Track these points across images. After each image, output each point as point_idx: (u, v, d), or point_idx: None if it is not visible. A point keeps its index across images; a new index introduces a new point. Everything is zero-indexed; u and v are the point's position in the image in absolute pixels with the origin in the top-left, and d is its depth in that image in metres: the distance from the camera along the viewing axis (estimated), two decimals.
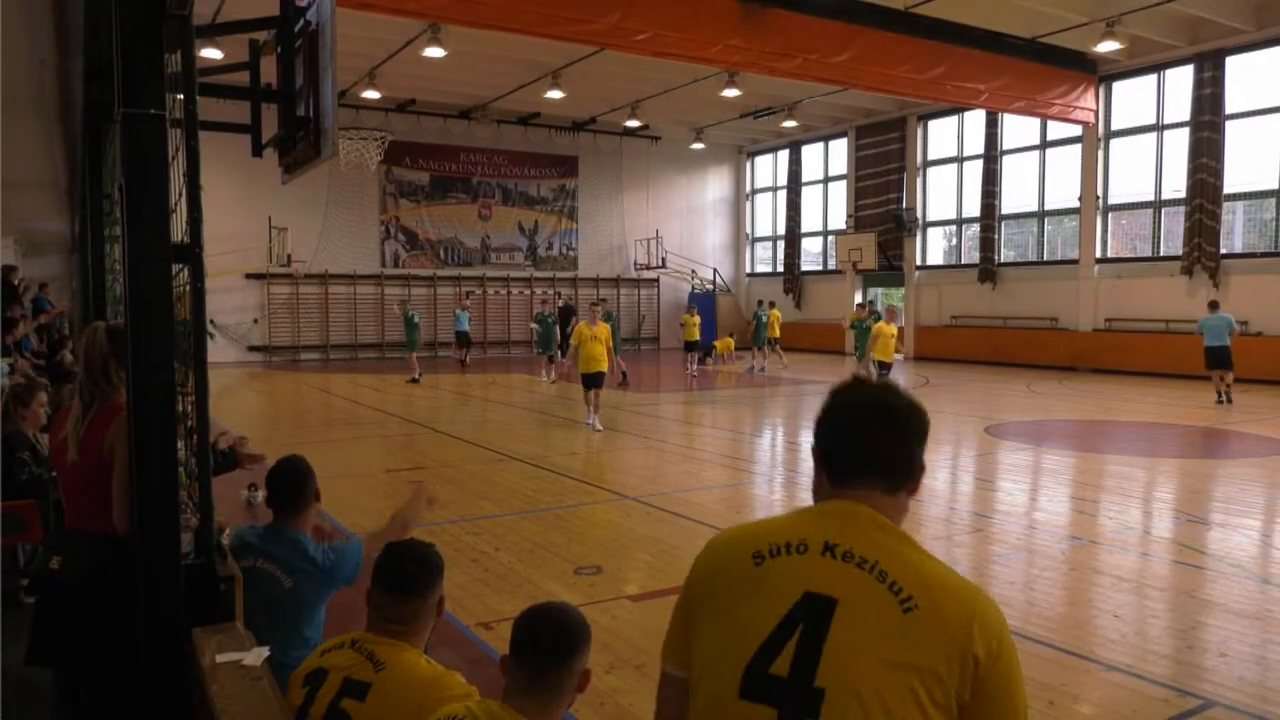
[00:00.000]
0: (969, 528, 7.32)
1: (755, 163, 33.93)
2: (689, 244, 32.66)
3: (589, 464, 10.08)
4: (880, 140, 27.91)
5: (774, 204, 33.04)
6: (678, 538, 6.90)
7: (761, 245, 34.39)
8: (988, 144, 24.58)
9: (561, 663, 2.16)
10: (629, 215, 31.57)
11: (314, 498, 3.32)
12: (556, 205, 30.54)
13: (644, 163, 31.61)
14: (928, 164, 27.07)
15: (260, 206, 24.57)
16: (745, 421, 14.22)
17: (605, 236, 31.35)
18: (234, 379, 20.82)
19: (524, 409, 15.21)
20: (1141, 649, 4.78)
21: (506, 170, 29.51)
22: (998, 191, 24.64)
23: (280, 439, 11.86)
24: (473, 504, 8.02)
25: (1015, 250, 25.53)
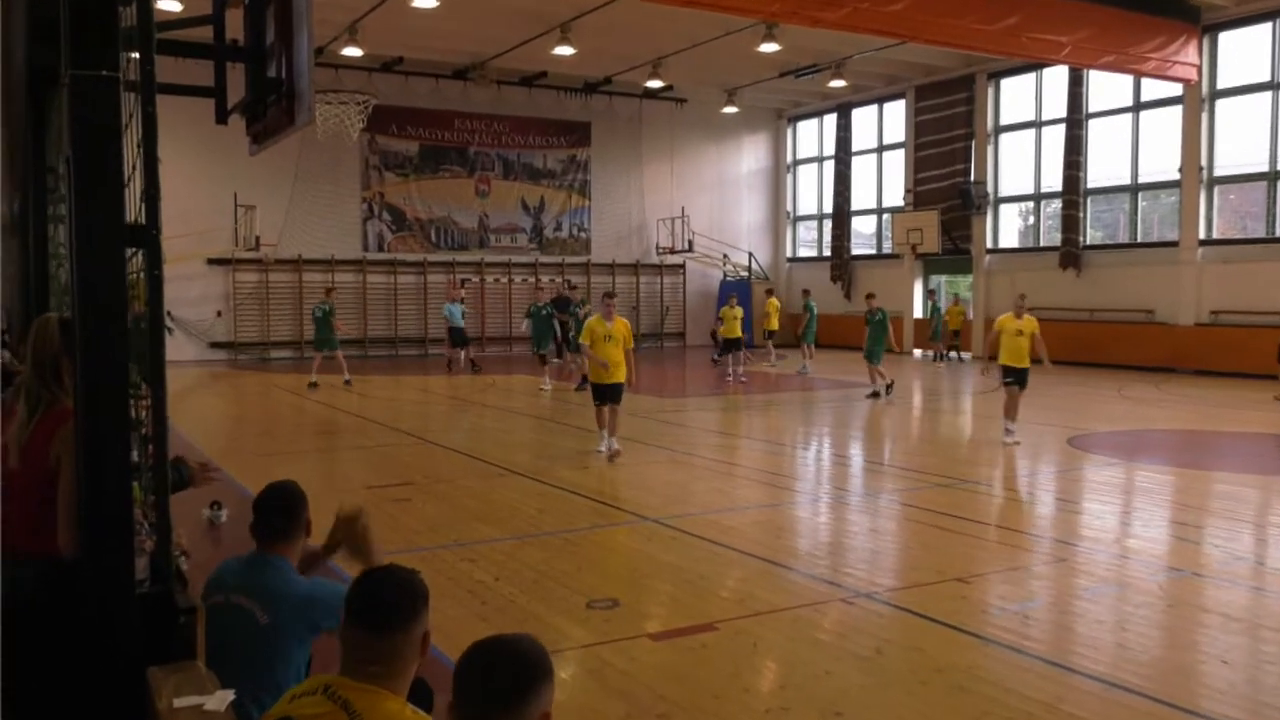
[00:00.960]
0: (1049, 557, 7.26)
1: (797, 129, 33.83)
2: (720, 224, 32.64)
3: (603, 480, 10.09)
4: (943, 102, 27.74)
5: (819, 177, 32.95)
6: (707, 566, 6.88)
7: (805, 225, 34.29)
8: (1070, 106, 24.39)
9: (517, 705, 2.08)
10: (650, 191, 31.58)
11: (304, 529, 3.35)
12: (566, 179, 30.61)
13: (667, 130, 31.61)
14: (1000, 130, 26.89)
15: (225, 182, 24.79)
16: (785, 431, 14.17)
17: (622, 215, 31.38)
18: (194, 380, 21.03)
19: (526, 415, 15.24)
20: (1254, 700, 4.73)
21: (508, 139, 29.61)
22: (1082, 162, 24.44)
23: (246, 449, 11.95)
24: (468, 526, 8.04)
25: (1103, 231, 25.29)
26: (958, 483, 9.88)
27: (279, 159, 24.38)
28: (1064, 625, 5.76)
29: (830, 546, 7.61)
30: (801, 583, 6.53)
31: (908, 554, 7.38)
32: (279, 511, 3.32)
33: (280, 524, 3.30)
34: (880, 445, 13.17)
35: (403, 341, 28.11)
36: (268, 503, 3.34)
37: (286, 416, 15.93)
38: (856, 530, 8.15)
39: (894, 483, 10.32)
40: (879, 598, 6.17)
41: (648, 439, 12.69)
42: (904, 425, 15.13)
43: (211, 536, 7.70)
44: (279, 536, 3.29)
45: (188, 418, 13.44)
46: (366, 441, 12.85)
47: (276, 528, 3.29)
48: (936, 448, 12.65)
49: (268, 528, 3.30)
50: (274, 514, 3.31)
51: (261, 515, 3.32)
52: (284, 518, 3.31)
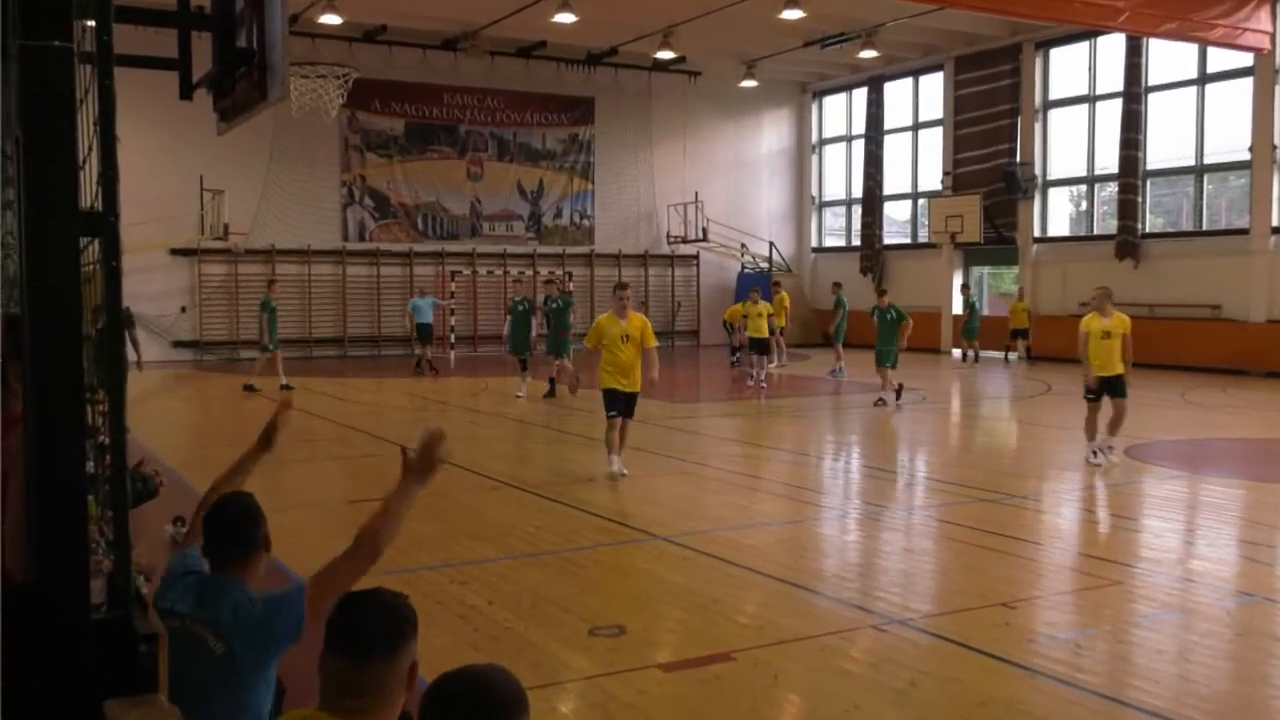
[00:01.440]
0: (1105, 579, 7.24)
1: (823, 105, 33.80)
2: (738, 210, 32.64)
3: (609, 494, 10.10)
4: (986, 75, 27.69)
5: (848, 158, 32.93)
6: (722, 589, 6.88)
7: (832, 212, 34.25)
8: (1128, 79, 24.33)
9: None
10: (660, 173, 31.60)
11: (263, 545, 3.34)
12: (567, 161, 30.65)
13: (679, 106, 31.63)
14: (1049, 105, 26.84)
15: (190, 164, 24.86)
16: (810, 440, 14.16)
17: (630, 201, 31.41)
18: (156, 382, 21.11)
19: (523, 422, 15.26)
20: None
21: (503, 116, 29.68)
22: (1141, 141, 24.38)
23: (212, 460, 11.91)
24: (459, 544, 8.05)
25: (1164, 217, 25.21)
26: (1002, 497, 9.86)
27: (250, 139, 24.43)
28: (1120, 656, 5.74)
29: (860, 567, 7.60)
30: (827, 607, 6.52)
31: (946, 576, 7.36)
32: (232, 531, 3.30)
33: (235, 545, 3.28)
34: (915, 456, 13.15)
35: (387, 341, 28.16)
36: (219, 521, 3.32)
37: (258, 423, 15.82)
38: (889, 550, 8.13)
39: (931, 497, 10.29)
40: (914, 624, 6.16)
41: (657, 448, 12.70)
42: (942, 434, 15.11)
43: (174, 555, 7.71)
44: (232, 560, 3.27)
45: (149, 424, 13.48)
46: (347, 451, 12.87)
47: (231, 547, 3.28)
48: (978, 458, 12.62)
49: (220, 551, 3.28)
50: (227, 534, 3.29)
51: (213, 536, 3.30)
52: (239, 537, 3.29)
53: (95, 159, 2.98)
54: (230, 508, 3.35)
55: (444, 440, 3.44)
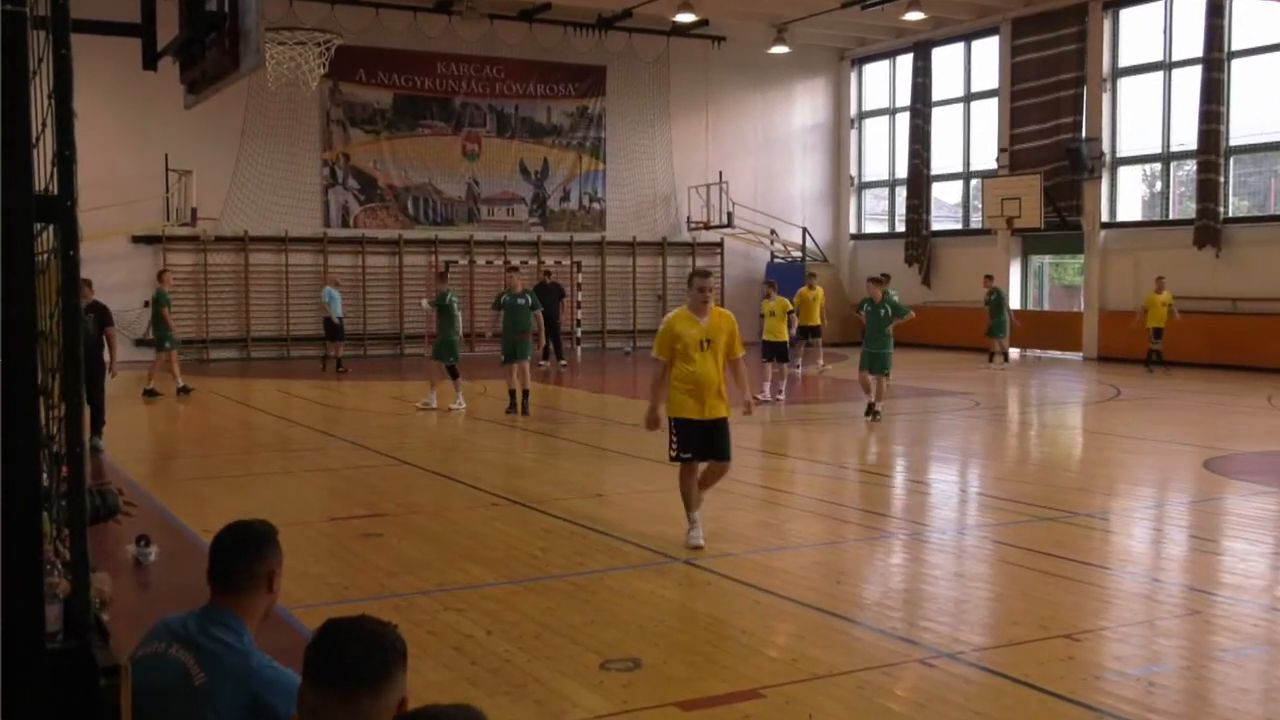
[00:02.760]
0: (1181, 608, 7.22)
1: (864, 74, 33.76)
2: (767, 193, 32.64)
3: (622, 510, 10.10)
4: (1048, 39, 27.61)
5: (891, 134, 32.88)
6: (749, 618, 6.88)
7: (873, 194, 34.20)
8: (1208, 43, 24.22)
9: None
10: (680, 151, 31.63)
11: (266, 584, 3.37)
12: (575, 137, 30.71)
13: (701, 75, 31.65)
14: (1118, 73, 26.75)
15: (154, 141, 25.02)
16: (848, 450, 14.14)
17: (646, 182, 31.44)
18: (116, 386, 21.18)
19: (525, 430, 15.28)
20: None
21: (503, 87, 29.75)
22: (1224, 113, 24.26)
23: (178, 473, 12.05)
24: (454, 567, 8.08)
25: (1250, 199, 25.07)
26: (1065, 515, 9.83)
27: (220, 113, 24.54)
28: (1198, 694, 5.72)
29: (904, 595, 7.59)
30: (869, 639, 6.51)
31: (1002, 604, 7.35)
32: (238, 555, 3.33)
33: (238, 571, 3.32)
34: (967, 469, 13.12)
35: (373, 339, 28.28)
36: (226, 545, 3.35)
37: (230, 432, 16.04)
38: (937, 574, 8.12)
39: (984, 515, 10.26)
40: (965, 658, 6.14)
41: None
42: (997, 444, 15.07)
43: (138, 579, 7.77)
44: (235, 588, 3.31)
45: (109, 433, 13.57)
46: (329, 462, 12.92)
47: (233, 576, 3.31)
48: (1038, 472, 12.58)
49: (222, 576, 3.31)
50: (232, 558, 3.33)
51: (217, 560, 3.34)
52: (239, 569, 3.32)
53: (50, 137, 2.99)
54: (236, 534, 3.37)
55: None
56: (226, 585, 3.32)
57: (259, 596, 3.36)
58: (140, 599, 7.26)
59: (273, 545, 3.42)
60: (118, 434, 14.26)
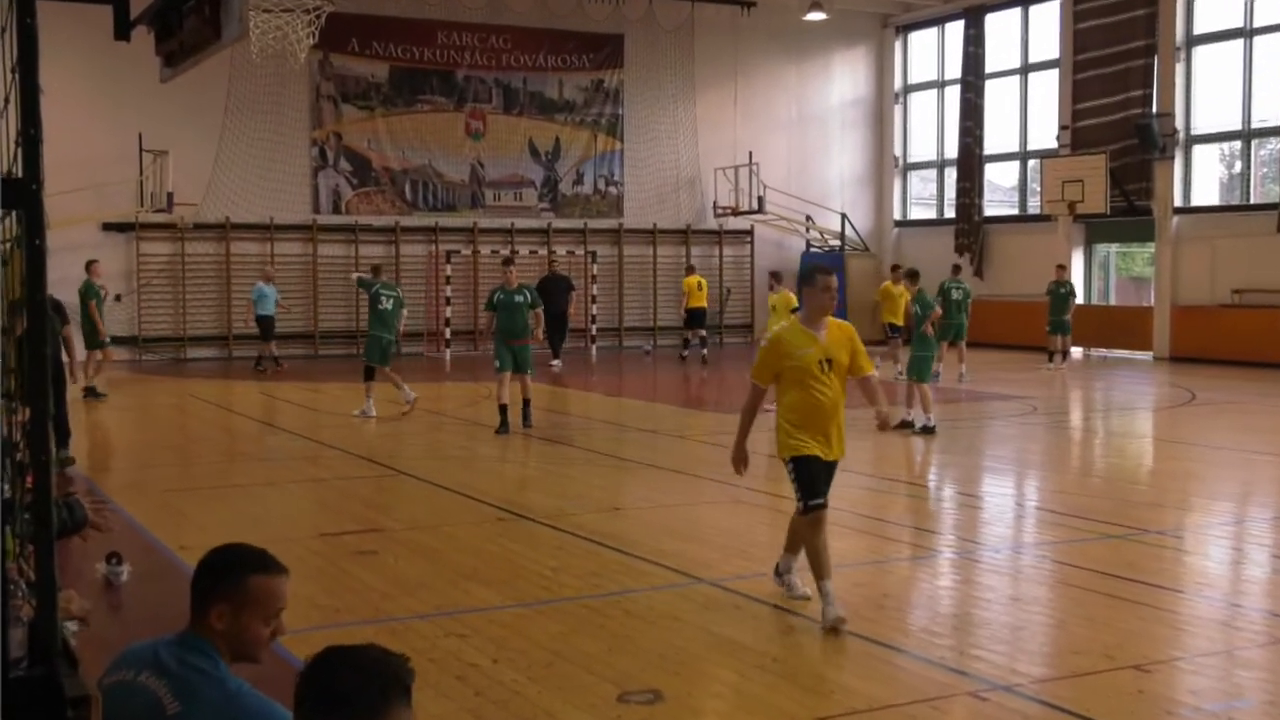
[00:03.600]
0: (1264, 636, 7.17)
1: (909, 43, 33.66)
2: (802, 175, 32.59)
3: (641, 526, 10.09)
4: (1116, 3, 27.45)
5: (940, 110, 32.76)
6: (783, 646, 6.86)
7: (919, 176, 34.09)
8: None
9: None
10: (706, 129, 31.60)
11: None
12: (590, 114, 30.72)
13: (729, 45, 31.63)
14: (1194, 41, 26.60)
15: (127, 119, 25.13)
16: (894, 461, 14.10)
17: (668, 164, 31.43)
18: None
19: (532, 437, 15.29)
20: None
21: (510, 59, 29.78)
22: None
23: (152, 484, 12.08)
24: (456, 588, 8.08)
25: None
26: (1133, 533, 9.77)
27: (200, 89, 24.63)
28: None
29: (955, 620, 7.55)
30: (915, 670, 6.48)
31: (1063, 631, 7.31)
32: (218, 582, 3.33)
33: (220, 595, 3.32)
34: (1024, 481, 13.06)
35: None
36: (205, 570, 3.35)
37: (210, 439, 16.09)
38: (991, 598, 8.08)
39: (1044, 532, 10.21)
40: (1023, 691, 6.11)
41: (701, 469, 12.68)
42: (1058, 453, 14.99)
43: (109, 600, 7.79)
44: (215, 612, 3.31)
45: (78, 439, 13.63)
46: (319, 472, 12.95)
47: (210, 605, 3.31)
48: (1104, 484, 12.52)
49: (199, 603, 3.32)
50: (212, 584, 3.31)
51: (196, 584, 3.34)
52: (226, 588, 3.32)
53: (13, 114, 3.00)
54: (221, 555, 3.37)
55: None
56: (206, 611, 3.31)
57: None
58: (111, 622, 7.29)
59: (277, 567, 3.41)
60: (84, 441, 14.34)
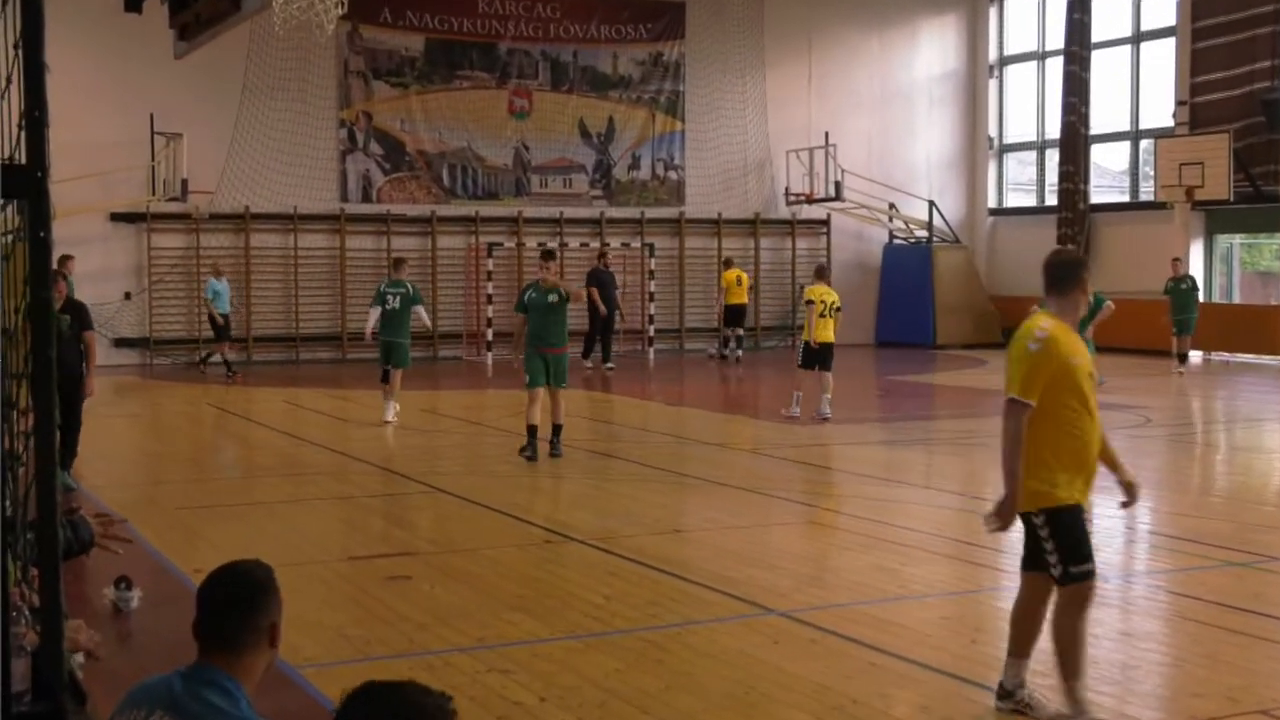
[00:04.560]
0: None
1: (1006, 9, 33.43)
2: (884, 158, 32.46)
3: (704, 550, 10.08)
4: None
5: (1040, 85, 32.50)
6: (861, 684, 6.83)
7: (1017, 159, 33.83)
8: None
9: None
10: (777, 107, 31.55)
11: (268, 638, 3.42)
12: (648, 90, 30.73)
13: (803, 13, 31.57)
14: None
15: (137, 100, 25.44)
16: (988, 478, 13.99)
17: (734, 146, 31.41)
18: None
19: (584, 451, 15.30)
20: None
21: (559, 28, 29.87)
22: None
23: (165, 501, 12.20)
24: (499, 618, 8.10)
25: None
26: (1260, 560, 9.65)
27: (217, 65, 24.91)
28: None
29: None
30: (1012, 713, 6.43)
31: (1180, 670, 7.24)
32: (233, 607, 3.37)
33: (234, 626, 3.35)
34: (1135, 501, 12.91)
35: None
36: (217, 593, 3.39)
37: (228, 451, 16.24)
38: (1098, 632, 7.99)
39: (1158, 559, 10.11)
40: None
41: (771, 487, 12.65)
42: (1174, 470, 14.81)
43: (116, 628, 7.87)
44: (229, 644, 3.34)
45: (84, 451, 13.79)
46: (347, 489, 13.03)
47: (227, 631, 3.34)
48: (1225, 505, 12.36)
49: (215, 631, 3.35)
50: (225, 611, 3.36)
51: (207, 611, 3.38)
52: (239, 617, 3.36)
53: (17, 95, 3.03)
54: (229, 581, 3.40)
55: None
56: (219, 641, 3.34)
57: (258, 653, 3.39)
58: (120, 653, 7.36)
59: (273, 593, 3.44)
60: (90, 454, 14.50)
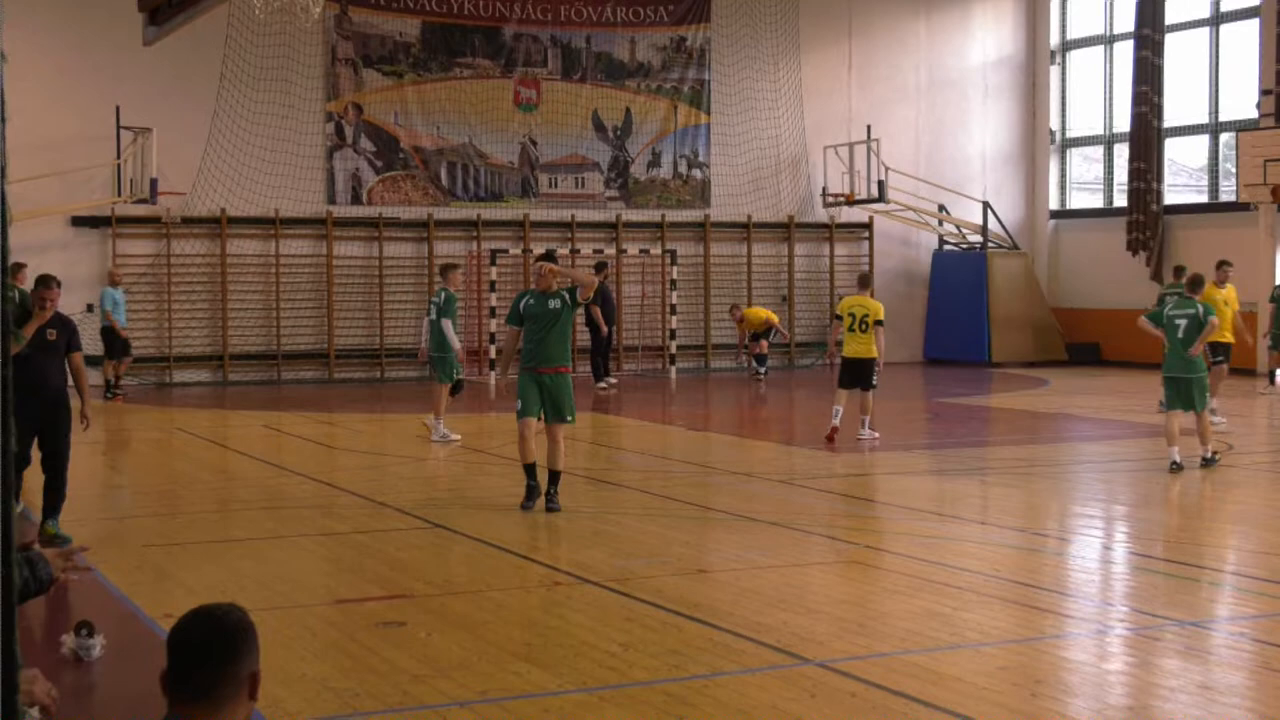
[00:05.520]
0: None
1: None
2: (933, 155, 32.47)
3: (733, 593, 10.05)
4: None
5: (1107, 72, 32.45)
6: None
7: (1082, 154, 33.77)
8: None
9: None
10: (813, 99, 31.57)
11: (249, 688, 3.43)
12: (669, 79, 30.75)
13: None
14: None
15: (102, 91, 25.49)
16: (1051, 512, 13.96)
17: (765, 141, 31.42)
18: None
19: (595, 481, 15.28)
20: None
21: (570, 11, 29.93)
22: None
23: (132, 538, 12.21)
24: (503, 669, 8.10)
25: None
26: None
27: (191, 53, 25.01)
28: None
29: (1128, 713, 7.46)
30: None
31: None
32: (208, 656, 3.38)
33: (208, 677, 3.36)
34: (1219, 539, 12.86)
35: (393, 355, 28.46)
36: (190, 640, 3.41)
37: (201, 482, 16.23)
38: (1174, 685, 7.96)
39: (1242, 604, 10.04)
40: None
41: (808, 523, 12.63)
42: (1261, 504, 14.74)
43: (78, 679, 7.88)
44: (203, 696, 3.35)
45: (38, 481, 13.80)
46: (335, 524, 13.01)
47: (201, 682, 3.35)
48: None
49: (187, 682, 3.36)
50: (199, 659, 3.37)
51: (179, 660, 3.39)
52: (215, 667, 3.37)
53: None
54: (203, 628, 3.41)
55: None
56: (192, 694, 3.35)
57: (236, 707, 3.40)
58: (80, 708, 7.37)
59: (252, 640, 3.45)
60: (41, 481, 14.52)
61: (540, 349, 13.31)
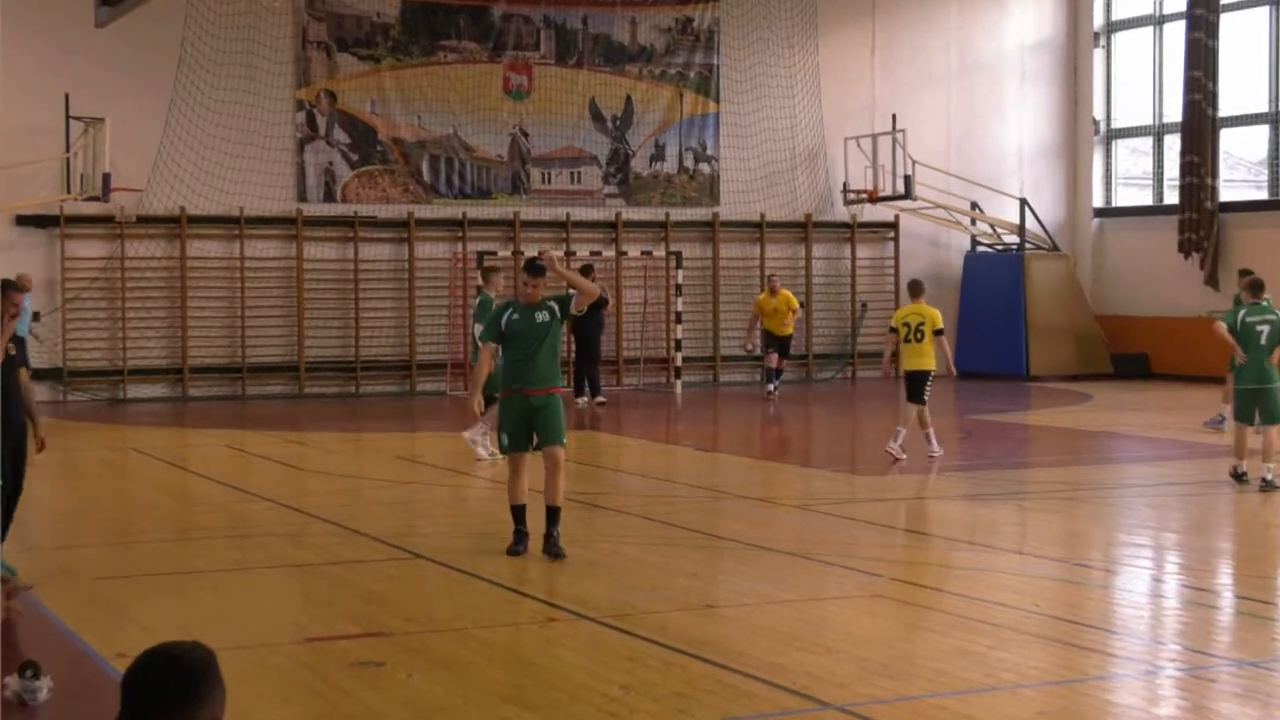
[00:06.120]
0: None
1: None
2: (965, 147, 32.50)
3: (744, 630, 10.06)
4: None
5: (1156, 55, 32.48)
6: None
7: (1129, 146, 33.81)
8: None
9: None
10: (832, 85, 31.62)
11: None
12: (674, 64, 30.79)
13: None
14: None
15: (50, 78, 25.53)
16: (1085, 539, 13.94)
17: (780, 133, 31.45)
18: None
19: (591, 506, 15.29)
20: None
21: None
22: None
23: (82, 570, 12.19)
24: (492, 713, 8.09)
25: None
26: None
27: (146, 36, 25.03)
28: None
29: None
30: None
31: None
32: (165, 698, 3.37)
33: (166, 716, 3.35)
34: (1276, 570, 12.85)
35: (370, 368, 28.46)
36: (147, 681, 3.40)
37: (159, 508, 16.23)
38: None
39: None
40: None
41: (826, 552, 12.64)
42: None
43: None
44: None
45: None
46: (306, 555, 13.02)
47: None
48: None
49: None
50: (157, 702, 3.37)
51: (134, 703, 3.39)
52: (173, 710, 3.37)
53: None
54: (160, 667, 3.41)
55: None
56: None
57: None
58: None
59: (215, 681, 3.45)
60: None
61: (527, 369, 12.56)
